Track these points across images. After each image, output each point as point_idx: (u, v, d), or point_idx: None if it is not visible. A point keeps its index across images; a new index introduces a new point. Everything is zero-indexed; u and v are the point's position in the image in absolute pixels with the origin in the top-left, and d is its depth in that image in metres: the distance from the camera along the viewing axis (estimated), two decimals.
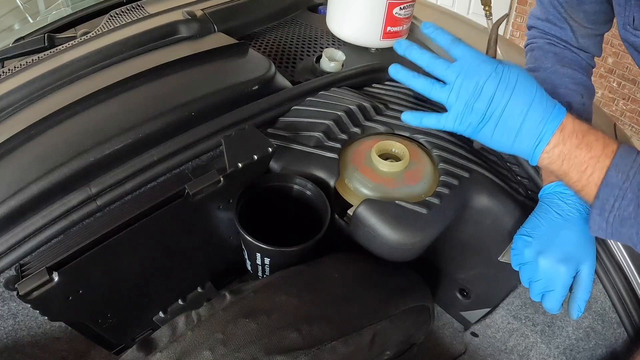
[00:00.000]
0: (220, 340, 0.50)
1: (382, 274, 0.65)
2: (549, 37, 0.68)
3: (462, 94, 0.45)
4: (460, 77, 0.45)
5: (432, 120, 0.48)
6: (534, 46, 0.69)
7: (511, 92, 0.44)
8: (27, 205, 0.55)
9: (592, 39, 0.65)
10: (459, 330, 0.85)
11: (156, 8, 0.95)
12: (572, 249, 0.53)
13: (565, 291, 0.53)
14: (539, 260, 0.53)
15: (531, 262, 0.54)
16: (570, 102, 0.62)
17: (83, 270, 0.49)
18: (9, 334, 0.60)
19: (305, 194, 0.64)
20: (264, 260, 0.62)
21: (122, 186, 0.59)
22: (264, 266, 0.63)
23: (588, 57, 0.67)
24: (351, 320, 0.56)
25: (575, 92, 0.63)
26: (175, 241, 0.60)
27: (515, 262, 0.57)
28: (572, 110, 0.56)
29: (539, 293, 0.54)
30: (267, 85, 0.74)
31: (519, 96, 0.44)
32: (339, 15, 0.93)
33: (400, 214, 0.59)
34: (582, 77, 0.65)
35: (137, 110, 0.66)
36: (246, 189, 0.61)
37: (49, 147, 0.61)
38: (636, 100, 2.80)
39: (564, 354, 0.68)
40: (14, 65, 0.83)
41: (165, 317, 0.67)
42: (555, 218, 0.55)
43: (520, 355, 0.73)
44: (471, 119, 0.45)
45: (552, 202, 0.57)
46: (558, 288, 0.53)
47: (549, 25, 0.67)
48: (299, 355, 0.50)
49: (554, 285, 0.53)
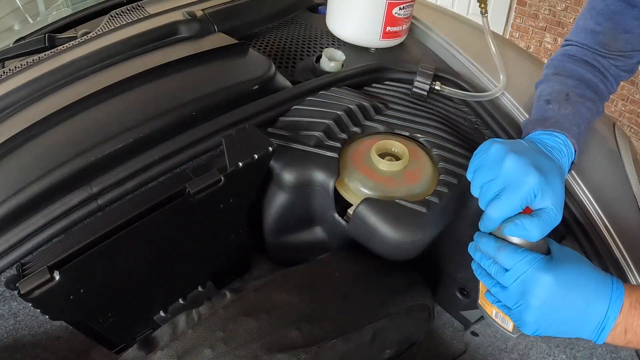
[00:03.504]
0: (221, 338, 0.50)
1: (382, 273, 0.65)
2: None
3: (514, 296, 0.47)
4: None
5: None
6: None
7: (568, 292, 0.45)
8: (28, 204, 0.56)
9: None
10: (459, 329, 0.85)
11: (156, 8, 0.96)
12: (549, 171, 0.48)
13: (522, 202, 0.47)
14: (507, 157, 0.48)
15: (496, 160, 0.49)
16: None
17: (84, 269, 0.49)
18: (10, 333, 0.60)
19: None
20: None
21: (123, 185, 0.59)
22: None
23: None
24: (351, 319, 0.56)
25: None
26: (176, 240, 0.60)
27: (474, 160, 0.52)
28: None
29: (489, 198, 0.49)
30: (267, 85, 0.74)
31: (574, 300, 0.45)
32: (338, 15, 0.94)
33: (400, 212, 0.59)
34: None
35: (138, 109, 0.66)
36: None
37: (50, 147, 0.61)
38: (635, 101, 2.80)
39: (564, 353, 0.69)
40: (14, 65, 0.83)
41: (166, 316, 0.67)
42: (534, 147, 0.53)
43: (521, 354, 0.73)
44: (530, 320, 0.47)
45: (535, 138, 0.57)
46: (516, 194, 0.47)
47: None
48: (300, 353, 0.50)
49: (513, 189, 0.47)
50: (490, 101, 0.80)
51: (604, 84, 0.68)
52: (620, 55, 0.67)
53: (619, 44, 0.66)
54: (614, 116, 2.95)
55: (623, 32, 0.65)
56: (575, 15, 2.88)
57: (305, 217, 0.70)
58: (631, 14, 0.63)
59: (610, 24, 0.65)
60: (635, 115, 2.84)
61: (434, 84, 0.80)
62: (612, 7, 0.65)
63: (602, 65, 0.68)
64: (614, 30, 0.65)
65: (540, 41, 3.17)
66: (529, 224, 0.47)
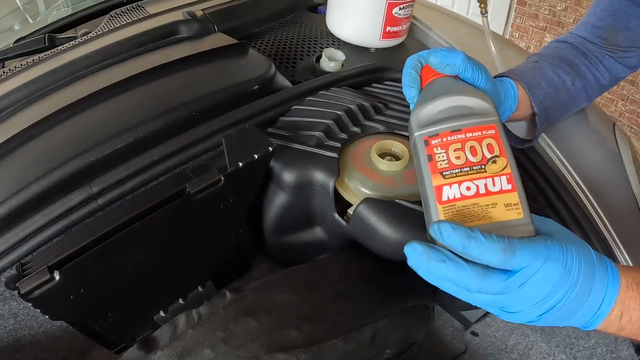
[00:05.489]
0: (221, 338, 0.50)
1: (382, 273, 0.65)
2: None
3: (526, 300, 0.38)
4: (525, 287, 0.37)
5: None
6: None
7: (575, 288, 0.38)
8: (28, 204, 0.56)
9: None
10: (459, 329, 0.85)
11: (156, 8, 0.96)
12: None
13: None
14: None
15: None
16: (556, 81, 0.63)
17: (84, 269, 0.49)
18: (10, 334, 0.60)
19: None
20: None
21: (123, 185, 0.59)
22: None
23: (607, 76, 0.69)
24: (351, 319, 0.56)
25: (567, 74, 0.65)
26: (176, 240, 0.60)
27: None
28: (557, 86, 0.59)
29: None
30: (267, 85, 0.74)
31: (581, 289, 0.38)
32: (338, 16, 0.94)
33: (400, 212, 0.59)
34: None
35: (138, 109, 0.66)
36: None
37: (50, 147, 0.61)
38: (635, 101, 2.80)
39: (564, 353, 0.69)
40: (14, 65, 0.83)
41: (166, 316, 0.67)
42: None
43: (521, 354, 0.73)
44: (530, 317, 0.39)
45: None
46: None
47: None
48: (300, 353, 0.50)
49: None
50: None
51: (587, 67, 0.67)
52: (617, 49, 0.68)
53: (618, 40, 0.66)
54: (614, 116, 2.95)
55: (624, 29, 0.65)
56: (575, 15, 2.88)
57: (305, 217, 0.70)
58: (635, 13, 0.64)
59: (612, 21, 0.66)
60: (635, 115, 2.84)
61: None
62: (616, 4, 0.65)
63: (592, 52, 0.68)
64: (615, 27, 0.66)
65: (540, 41, 3.18)
66: (447, 48, 0.46)
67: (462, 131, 0.41)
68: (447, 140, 0.41)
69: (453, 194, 0.40)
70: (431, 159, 0.41)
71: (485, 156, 0.41)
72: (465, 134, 0.41)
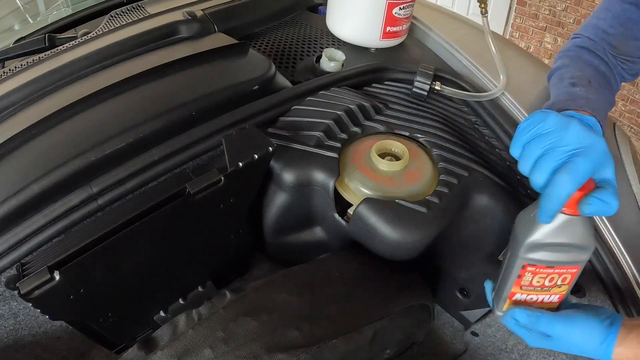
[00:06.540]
0: (221, 338, 0.50)
1: (383, 273, 0.65)
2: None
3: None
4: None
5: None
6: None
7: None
8: (28, 204, 0.55)
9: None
10: (459, 329, 0.85)
11: (156, 8, 0.96)
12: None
13: (592, 169, 0.41)
14: (571, 124, 0.42)
15: (558, 128, 0.43)
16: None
17: (84, 269, 0.49)
18: (10, 334, 0.60)
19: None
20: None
21: (123, 185, 0.59)
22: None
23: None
24: (352, 319, 0.56)
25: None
26: (176, 240, 0.60)
27: (524, 132, 0.45)
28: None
29: (553, 167, 0.42)
30: (267, 85, 0.74)
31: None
32: (338, 16, 0.94)
33: (400, 212, 0.59)
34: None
35: (138, 110, 0.66)
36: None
37: (50, 147, 0.61)
38: (635, 101, 2.80)
39: (564, 353, 0.68)
40: (14, 65, 0.83)
41: (166, 316, 0.67)
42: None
43: (521, 355, 0.73)
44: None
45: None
46: (587, 160, 0.41)
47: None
48: (300, 353, 0.50)
49: (584, 155, 0.41)
50: (490, 101, 0.80)
51: (614, 79, 0.68)
52: (627, 59, 0.68)
53: (628, 49, 0.66)
54: (614, 116, 2.95)
55: (634, 39, 0.65)
56: (575, 15, 2.88)
57: (305, 217, 0.70)
58: None
59: (622, 29, 0.66)
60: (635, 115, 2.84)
61: (434, 84, 0.80)
62: (628, 13, 0.65)
63: (612, 62, 0.68)
64: (626, 36, 0.66)
65: (540, 41, 3.17)
66: (607, 196, 0.40)
67: (554, 268, 0.49)
68: (538, 271, 0.50)
69: (520, 297, 0.53)
70: (519, 277, 0.51)
71: (557, 284, 0.51)
72: (555, 269, 0.49)
